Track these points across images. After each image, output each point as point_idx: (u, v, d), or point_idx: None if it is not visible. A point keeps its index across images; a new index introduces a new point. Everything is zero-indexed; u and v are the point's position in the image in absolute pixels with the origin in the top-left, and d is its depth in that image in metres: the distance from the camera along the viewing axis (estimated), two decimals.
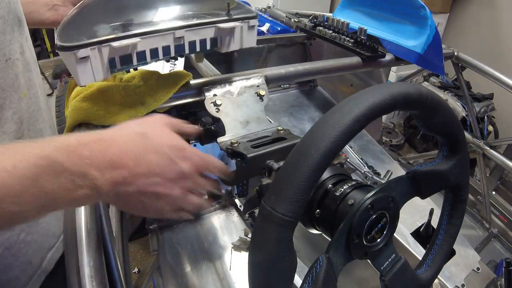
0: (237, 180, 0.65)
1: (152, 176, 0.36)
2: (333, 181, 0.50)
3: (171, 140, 0.39)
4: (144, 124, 0.40)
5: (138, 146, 0.36)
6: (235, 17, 0.62)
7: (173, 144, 0.39)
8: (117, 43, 0.51)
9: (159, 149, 0.37)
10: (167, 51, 0.58)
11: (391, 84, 0.40)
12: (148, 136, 0.37)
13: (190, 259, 1.32)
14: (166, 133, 0.40)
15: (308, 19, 1.11)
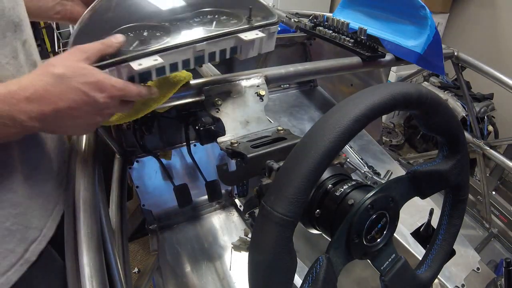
0: (237, 180, 0.65)
1: (73, 111, 0.43)
2: (333, 181, 0.50)
3: (88, 77, 0.44)
4: (63, 64, 0.43)
5: (57, 87, 0.42)
6: (256, 24, 0.59)
7: (89, 81, 0.43)
8: (137, 66, 0.49)
9: (75, 88, 0.43)
10: (187, 63, 0.56)
11: (391, 84, 0.40)
12: (65, 77, 0.42)
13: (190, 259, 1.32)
14: (83, 71, 0.44)
15: (308, 19, 1.11)
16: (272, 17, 0.61)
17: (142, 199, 1.34)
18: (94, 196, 0.56)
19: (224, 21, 0.60)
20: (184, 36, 0.55)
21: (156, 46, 0.52)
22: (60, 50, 3.61)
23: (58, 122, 0.44)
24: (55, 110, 0.42)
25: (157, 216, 1.43)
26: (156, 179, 1.30)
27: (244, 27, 0.59)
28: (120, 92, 0.47)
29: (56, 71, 0.42)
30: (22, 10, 0.52)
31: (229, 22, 0.60)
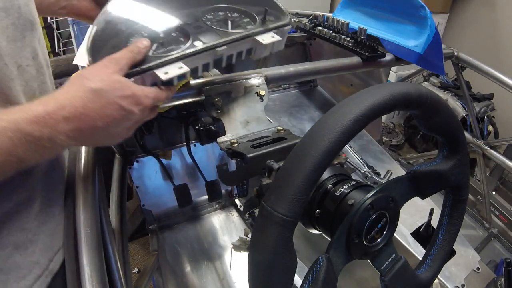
0: (237, 180, 0.65)
1: (111, 127, 0.42)
2: (333, 181, 0.50)
3: (124, 90, 0.43)
4: (98, 78, 0.42)
5: (96, 102, 0.41)
6: (271, 26, 0.59)
7: (126, 94, 0.43)
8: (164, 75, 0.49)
9: (114, 103, 0.42)
10: (206, 67, 0.56)
11: (391, 84, 0.40)
12: (102, 92, 0.41)
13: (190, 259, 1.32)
14: (118, 84, 0.43)
15: (308, 19, 1.11)
16: (284, 17, 0.61)
17: (142, 199, 1.34)
18: (94, 196, 0.56)
19: (237, 21, 0.59)
20: (202, 39, 0.54)
21: (178, 51, 0.51)
22: (60, 50, 3.61)
23: (94, 136, 0.43)
24: (93, 126, 0.41)
25: (157, 216, 1.43)
26: (156, 179, 1.30)
27: (260, 29, 0.58)
28: (153, 101, 0.47)
29: (93, 86, 0.41)
30: (33, 5, 0.50)
31: (243, 22, 0.59)
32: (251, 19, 0.60)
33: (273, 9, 0.61)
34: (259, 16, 0.60)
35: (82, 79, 0.42)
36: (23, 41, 0.46)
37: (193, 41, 0.53)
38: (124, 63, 0.45)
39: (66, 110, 0.39)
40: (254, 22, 0.60)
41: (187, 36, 0.54)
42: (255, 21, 0.60)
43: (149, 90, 0.46)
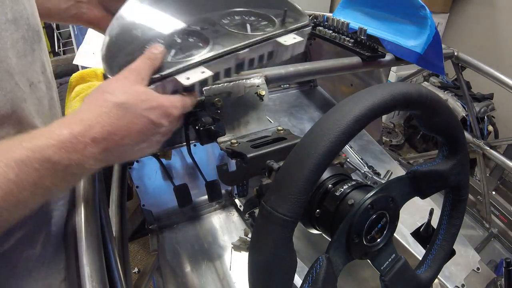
0: (237, 180, 0.65)
1: (140, 142, 0.40)
2: (333, 181, 0.50)
3: (150, 101, 0.40)
4: (121, 91, 0.39)
5: (123, 118, 0.37)
6: (291, 27, 0.57)
7: (153, 106, 0.40)
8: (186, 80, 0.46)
9: (142, 116, 0.39)
10: (228, 72, 0.53)
11: (391, 84, 0.40)
12: (128, 106, 0.38)
13: (190, 259, 1.32)
14: (143, 95, 0.40)
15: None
16: (303, 18, 0.60)
17: (142, 199, 1.34)
18: (94, 196, 0.56)
19: (256, 24, 0.57)
20: (223, 42, 0.51)
21: (198, 56, 0.49)
22: (60, 50, 3.61)
23: (123, 154, 0.40)
24: (122, 144, 0.38)
25: (157, 216, 1.43)
26: (156, 179, 1.30)
27: (280, 31, 0.56)
28: (181, 110, 0.44)
29: (117, 100, 0.38)
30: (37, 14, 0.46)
31: (261, 25, 0.58)
32: (270, 22, 0.58)
33: (291, 10, 0.60)
34: (278, 18, 0.58)
35: (104, 94, 0.38)
36: (32, 55, 0.42)
37: (213, 45, 0.51)
38: (145, 72, 0.43)
39: (94, 131, 0.35)
40: (273, 24, 0.58)
41: (206, 40, 0.52)
42: (274, 24, 0.58)
43: (175, 99, 0.44)
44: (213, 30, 0.54)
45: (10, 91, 0.37)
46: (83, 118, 0.36)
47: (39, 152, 0.32)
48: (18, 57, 0.39)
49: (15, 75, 0.38)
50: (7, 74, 0.37)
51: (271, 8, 0.60)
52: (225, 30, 0.54)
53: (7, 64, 0.37)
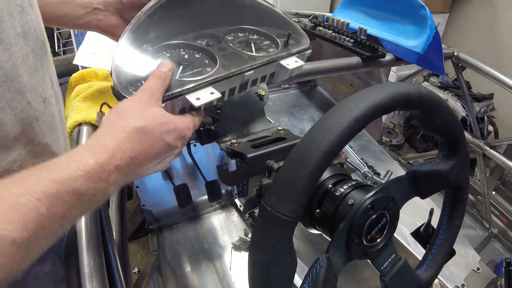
0: (237, 180, 0.65)
1: (156, 163, 0.41)
2: (333, 181, 0.50)
3: (167, 124, 0.41)
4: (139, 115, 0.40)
5: (143, 143, 0.39)
6: (294, 50, 0.59)
7: (170, 129, 0.41)
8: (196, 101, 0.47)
9: (160, 139, 0.40)
10: (232, 91, 0.55)
11: (391, 84, 0.40)
12: (148, 130, 0.39)
13: (190, 259, 1.32)
14: (161, 119, 0.41)
15: (308, 19, 1.11)
16: (304, 41, 0.61)
17: (142, 199, 1.34)
18: None
19: (259, 43, 0.59)
20: (229, 62, 0.53)
21: (207, 75, 0.50)
22: (60, 50, 3.61)
23: (139, 174, 0.41)
24: (141, 167, 0.39)
25: (157, 216, 1.43)
26: (156, 179, 1.30)
27: (283, 53, 0.58)
28: (192, 130, 0.46)
29: (137, 125, 0.38)
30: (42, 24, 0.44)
31: (264, 45, 0.59)
32: (273, 42, 0.60)
33: (294, 32, 0.61)
34: (280, 39, 0.60)
35: (124, 118, 0.39)
36: (42, 69, 0.41)
37: (220, 64, 0.52)
38: (158, 92, 0.43)
39: (117, 157, 0.36)
40: (276, 45, 0.59)
41: (213, 58, 0.53)
42: (277, 45, 0.59)
43: (188, 120, 0.45)
44: (219, 48, 0.55)
45: (21, 111, 0.35)
46: (106, 144, 0.36)
47: (68, 185, 0.32)
48: (30, 72, 0.37)
49: (26, 93, 0.36)
50: (18, 93, 0.35)
51: (274, 28, 0.61)
52: (231, 49, 0.55)
53: (18, 82, 0.34)
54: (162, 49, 0.51)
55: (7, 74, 0.33)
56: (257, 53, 0.57)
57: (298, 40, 0.61)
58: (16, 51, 0.34)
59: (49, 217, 0.30)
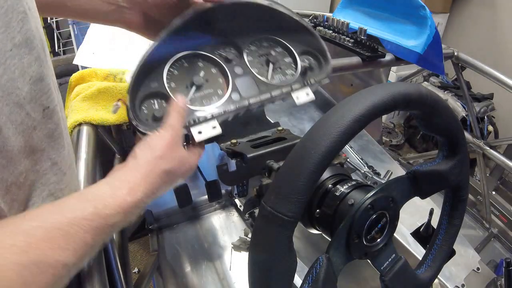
0: (237, 180, 0.65)
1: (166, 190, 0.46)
2: (333, 181, 0.50)
3: (187, 167, 0.47)
4: (170, 157, 0.45)
5: (166, 182, 0.44)
6: (311, 80, 0.59)
7: (186, 170, 0.47)
8: (198, 135, 0.51)
9: (177, 177, 0.46)
10: (235, 117, 0.57)
11: (391, 84, 0.40)
12: (174, 173, 0.45)
13: (190, 259, 1.32)
14: (183, 160, 0.46)
15: (308, 19, 1.11)
16: (326, 68, 0.61)
17: None
18: None
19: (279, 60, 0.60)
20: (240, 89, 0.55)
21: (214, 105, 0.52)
22: (60, 50, 3.61)
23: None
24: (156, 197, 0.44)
25: (157, 216, 1.43)
26: None
27: (298, 84, 0.59)
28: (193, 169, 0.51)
29: (167, 168, 0.44)
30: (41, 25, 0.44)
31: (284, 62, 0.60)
32: (293, 62, 0.60)
33: (318, 51, 0.61)
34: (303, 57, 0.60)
35: (158, 159, 0.43)
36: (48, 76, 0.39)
37: (232, 89, 0.54)
38: (180, 130, 0.48)
39: (148, 196, 0.41)
40: (295, 66, 0.60)
41: (226, 78, 0.54)
42: (296, 66, 0.60)
43: (195, 159, 0.50)
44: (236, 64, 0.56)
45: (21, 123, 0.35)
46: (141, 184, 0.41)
47: (109, 220, 0.36)
48: (32, 82, 0.36)
49: (25, 105, 0.35)
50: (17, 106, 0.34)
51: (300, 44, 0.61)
52: (247, 69, 0.56)
53: (16, 95, 0.33)
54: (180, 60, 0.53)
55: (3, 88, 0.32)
56: (272, 79, 0.57)
57: (321, 64, 0.61)
58: (12, 64, 0.33)
59: (92, 245, 0.35)
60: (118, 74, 0.70)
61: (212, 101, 0.53)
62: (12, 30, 0.33)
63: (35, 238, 0.30)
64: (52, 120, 0.39)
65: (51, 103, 0.39)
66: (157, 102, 0.52)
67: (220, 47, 0.56)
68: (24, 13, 0.34)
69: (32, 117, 0.36)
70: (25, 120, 0.35)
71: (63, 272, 0.32)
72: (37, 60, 0.36)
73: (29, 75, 0.35)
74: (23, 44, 0.34)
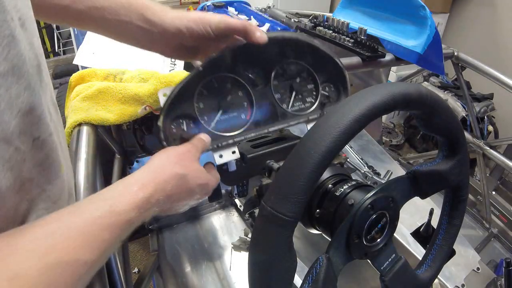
0: (237, 180, 0.65)
1: (181, 205, 0.47)
2: (333, 181, 0.50)
3: (202, 179, 0.48)
4: (184, 163, 0.47)
5: (180, 187, 0.45)
6: (327, 110, 0.62)
7: (202, 183, 0.48)
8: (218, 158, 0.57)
9: (192, 190, 0.47)
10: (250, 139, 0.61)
11: (391, 84, 0.40)
12: (187, 178, 0.46)
13: (190, 259, 1.32)
14: (198, 173, 0.48)
15: (308, 19, 1.11)
16: (345, 95, 0.64)
17: None
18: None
19: (302, 87, 0.62)
20: (260, 119, 0.58)
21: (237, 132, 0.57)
22: (60, 50, 3.61)
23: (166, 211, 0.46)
24: (171, 205, 0.45)
25: (157, 216, 1.43)
26: None
27: (315, 116, 0.62)
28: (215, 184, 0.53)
29: (179, 171, 0.45)
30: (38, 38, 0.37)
31: (306, 90, 0.63)
32: (315, 89, 0.63)
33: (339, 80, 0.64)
34: (324, 85, 0.63)
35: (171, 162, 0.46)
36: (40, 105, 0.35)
37: (253, 118, 0.58)
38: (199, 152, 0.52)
39: (159, 194, 0.42)
40: (316, 95, 0.63)
41: (250, 102, 0.58)
42: (317, 96, 0.63)
43: (214, 178, 0.52)
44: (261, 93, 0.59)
45: (9, 159, 0.31)
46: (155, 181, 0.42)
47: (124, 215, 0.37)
48: (22, 115, 0.31)
49: (14, 140, 0.31)
50: (3, 142, 0.30)
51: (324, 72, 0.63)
52: (271, 97, 0.59)
53: (2, 130, 0.29)
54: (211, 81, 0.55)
55: None
56: (292, 107, 0.61)
57: (339, 94, 0.64)
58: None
59: (110, 242, 0.35)
60: (118, 74, 0.70)
61: (235, 126, 0.57)
62: None
63: (55, 240, 0.31)
64: (43, 150, 0.36)
65: (42, 133, 0.35)
66: (185, 122, 0.54)
67: (249, 68, 0.58)
68: (11, 36, 0.29)
69: (22, 150, 0.32)
70: (14, 155, 0.31)
71: (84, 271, 0.32)
72: (27, 88, 0.31)
73: (17, 107, 0.30)
74: (9, 73, 0.29)
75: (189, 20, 0.52)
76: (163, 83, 0.65)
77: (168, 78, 0.66)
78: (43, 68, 0.37)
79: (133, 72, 0.68)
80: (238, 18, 1.19)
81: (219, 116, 0.56)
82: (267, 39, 0.51)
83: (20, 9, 0.32)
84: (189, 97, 0.54)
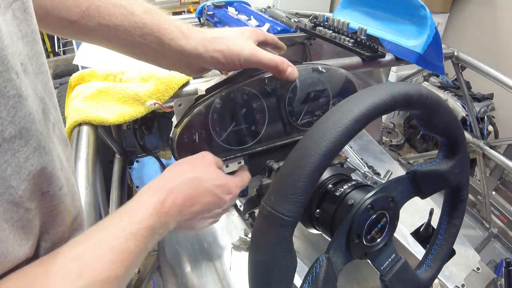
0: None
1: (205, 212, 0.46)
2: (333, 181, 0.50)
3: (219, 179, 0.48)
4: (196, 167, 0.47)
5: (197, 189, 0.45)
6: None
7: (220, 184, 0.47)
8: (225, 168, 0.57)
9: (210, 191, 0.46)
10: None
11: (391, 84, 0.40)
12: (201, 180, 0.45)
13: (190, 259, 1.32)
14: (214, 174, 0.48)
15: (308, 19, 1.11)
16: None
17: None
18: (94, 196, 0.56)
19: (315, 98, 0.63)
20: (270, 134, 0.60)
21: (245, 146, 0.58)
22: (60, 50, 3.61)
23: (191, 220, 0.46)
24: (192, 211, 0.44)
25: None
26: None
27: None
28: (240, 188, 0.52)
29: (194, 174, 0.45)
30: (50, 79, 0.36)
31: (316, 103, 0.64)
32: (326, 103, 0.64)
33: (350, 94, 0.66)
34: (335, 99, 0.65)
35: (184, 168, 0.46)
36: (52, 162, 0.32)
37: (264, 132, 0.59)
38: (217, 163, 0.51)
39: (173, 195, 0.42)
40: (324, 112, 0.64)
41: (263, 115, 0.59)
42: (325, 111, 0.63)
43: (236, 179, 0.51)
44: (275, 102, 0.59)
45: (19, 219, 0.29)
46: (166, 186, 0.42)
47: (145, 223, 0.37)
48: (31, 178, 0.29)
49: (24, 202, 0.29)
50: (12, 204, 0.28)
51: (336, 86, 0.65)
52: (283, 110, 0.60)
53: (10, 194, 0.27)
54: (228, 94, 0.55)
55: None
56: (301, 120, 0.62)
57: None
58: (3, 161, 0.26)
59: (136, 253, 0.36)
60: (118, 74, 0.70)
61: (245, 138, 0.58)
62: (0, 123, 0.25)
63: (86, 260, 0.32)
64: (52, 203, 0.33)
65: (52, 188, 0.32)
66: (197, 133, 0.54)
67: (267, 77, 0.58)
68: (18, 96, 0.25)
69: (31, 208, 0.30)
70: (25, 215, 0.29)
71: (116, 286, 0.33)
72: (37, 149, 0.29)
73: (26, 171, 0.28)
74: (17, 136, 0.26)
75: (215, 51, 0.50)
76: (163, 83, 0.65)
77: (168, 78, 0.66)
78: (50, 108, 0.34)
79: (133, 72, 0.68)
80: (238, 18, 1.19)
81: (231, 128, 0.56)
82: (297, 75, 0.53)
83: (22, 51, 0.28)
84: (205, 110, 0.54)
